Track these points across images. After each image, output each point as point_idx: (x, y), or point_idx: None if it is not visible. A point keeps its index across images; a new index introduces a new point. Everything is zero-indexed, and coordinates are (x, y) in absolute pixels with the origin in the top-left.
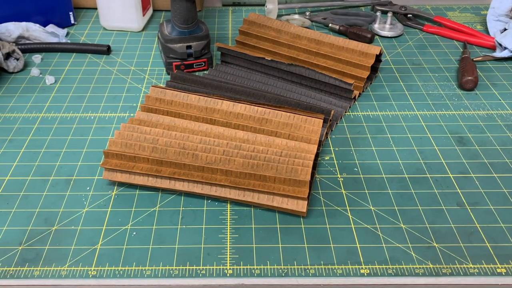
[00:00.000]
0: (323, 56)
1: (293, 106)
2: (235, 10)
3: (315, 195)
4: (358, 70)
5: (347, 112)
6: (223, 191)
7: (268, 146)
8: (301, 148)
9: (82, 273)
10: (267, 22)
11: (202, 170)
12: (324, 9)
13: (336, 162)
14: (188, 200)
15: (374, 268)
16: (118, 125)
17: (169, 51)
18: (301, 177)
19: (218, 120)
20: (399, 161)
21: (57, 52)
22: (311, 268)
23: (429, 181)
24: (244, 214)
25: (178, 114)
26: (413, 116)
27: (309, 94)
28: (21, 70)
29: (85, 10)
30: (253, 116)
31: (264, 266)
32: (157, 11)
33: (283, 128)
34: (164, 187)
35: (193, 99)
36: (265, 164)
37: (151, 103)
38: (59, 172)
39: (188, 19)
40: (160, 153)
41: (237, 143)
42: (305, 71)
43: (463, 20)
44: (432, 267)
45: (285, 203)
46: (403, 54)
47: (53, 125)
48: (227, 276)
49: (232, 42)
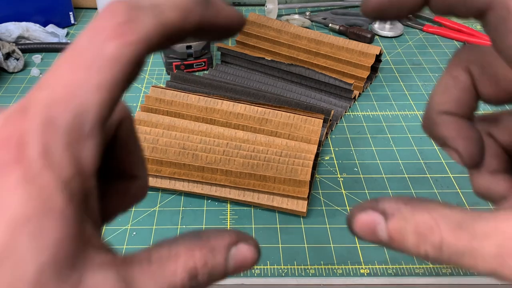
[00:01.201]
0: (323, 56)
1: (293, 106)
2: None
3: (315, 195)
4: (358, 70)
5: (347, 112)
6: (223, 191)
7: (268, 146)
8: (301, 148)
9: None
10: (267, 22)
11: (202, 170)
12: (324, 9)
13: (336, 162)
14: (188, 200)
15: (374, 268)
16: None
17: (169, 51)
18: (301, 177)
19: (218, 120)
20: (399, 161)
21: (57, 52)
22: (311, 268)
23: (429, 181)
24: (244, 214)
25: (178, 114)
26: (413, 116)
27: (309, 94)
28: (21, 70)
29: (85, 10)
30: (253, 116)
31: (264, 266)
32: None
33: (283, 128)
34: (164, 187)
35: (193, 99)
36: (265, 164)
37: (151, 103)
38: None
39: None
40: (160, 153)
41: (237, 143)
42: (305, 71)
43: (463, 20)
44: (432, 267)
45: (285, 203)
46: (403, 54)
47: None
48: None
49: (232, 42)
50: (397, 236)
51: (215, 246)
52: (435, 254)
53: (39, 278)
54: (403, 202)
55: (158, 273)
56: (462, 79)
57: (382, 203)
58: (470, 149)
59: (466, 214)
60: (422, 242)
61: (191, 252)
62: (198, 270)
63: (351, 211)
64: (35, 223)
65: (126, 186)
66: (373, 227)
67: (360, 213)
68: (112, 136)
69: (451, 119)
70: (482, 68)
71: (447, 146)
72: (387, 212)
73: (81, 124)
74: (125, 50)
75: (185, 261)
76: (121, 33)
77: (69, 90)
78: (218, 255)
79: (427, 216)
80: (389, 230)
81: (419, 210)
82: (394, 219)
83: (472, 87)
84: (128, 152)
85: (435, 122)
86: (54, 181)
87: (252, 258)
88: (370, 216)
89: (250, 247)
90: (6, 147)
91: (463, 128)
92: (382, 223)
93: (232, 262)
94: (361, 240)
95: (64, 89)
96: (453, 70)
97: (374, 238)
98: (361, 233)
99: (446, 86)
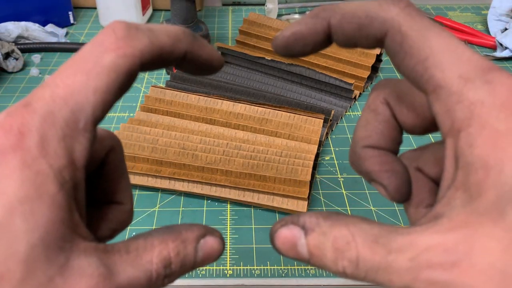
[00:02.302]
0: (323, 56)
1: (293, 106)
2: (235, 10)
3: (315, 195)
4: (359, 70)
5: (348, 112)
6: (223, 191)
7: (268, 146)
8: (301, 148)
9: None
10: (267, 22)
11: (202, 170)
12: None
13: (336, 162)
14: (188, 200)
15: None
16: (118, 125)
17: None
18: (301, 177)
19: (218, 120)
20: None
21: (56, 52)
22: (311, 268)
23: None
24: (244, 214)
25: (178, 114)
26: None
27: (309, 94)
28: (20, 69)
29: (85, 9)
30: (253, 116)
31: (264, 267)
32: (156, 11)
33: (283, 128)
34: (164, 187)
35: (193, 99)
36: (265, 164)
37: (151, 103)
38: None
39: (188, 19)
40: (160, 153)
41: (237, 143)
42: (305, 71)
43: (464, 19)
44: None
45: (285, 203)
46: None
47: None
48: (227, 276)
49: (232, 42)
50: (316, 252)
51: (186, 238)
52: (352, 270)
53: (29, 256)
54: (322, 217)
55: (136, 261)
56: (381, 111)
57: (303, 217)
58: (395, 183)
59: (383, 229)
60: (340, 258)
61: (165, 244)
62: (171, 259)
63: (273, 226)
64: (29, 205)
65: (111, 212)
66: (293, 242)
67: (281, 228)
68: (101, 162)
69: (375, 153)
70: (399, 98)
71: (373, 180)
72: (307, 226)
73: (77, 120)
74: (120, 61)
75: (159, 251)
76: (119, 46)
77: (69, 90)
78: (189, 246)
79: (345, 230)
80: (309, 245)
81: (337, 224)
82: (313, 234)
83: (392, 119)
84: (115, 178)
85: (359, 156)
86: (48, 169)
87: (218, 248)
88: (291, 231)
89: (216, 239)
90: (8, 135)
91: (387, 161)
92: (302, 238)
93: (201, 252)
94: (284, 256)
95: (65, 89)
96: (372, 103)
97: (295, 254)
98: (282, 249)
99: (367, 120)
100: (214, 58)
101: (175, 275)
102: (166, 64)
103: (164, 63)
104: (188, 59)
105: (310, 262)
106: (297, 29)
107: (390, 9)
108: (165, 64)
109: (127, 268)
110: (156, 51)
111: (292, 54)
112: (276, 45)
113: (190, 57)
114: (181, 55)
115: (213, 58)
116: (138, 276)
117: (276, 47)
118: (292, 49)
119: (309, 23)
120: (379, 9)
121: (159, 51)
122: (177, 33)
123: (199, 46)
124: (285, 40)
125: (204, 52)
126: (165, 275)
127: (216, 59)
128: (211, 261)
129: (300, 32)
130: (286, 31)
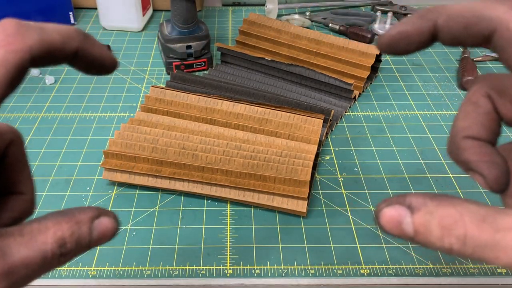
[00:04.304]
0: (323, 56)
1: (293, 106)
2: (235, 10)
3: (315, 195)
4: (358, 70)
5: (347, 112)
6: (223, 191)
7: (268, 146)
8: (301, 148)
9: (82, 273)
10: (267, 22)
11: (202, 170)
12: (324, 9)
13: (336, 162)
14: (188, 200)
15: (374, 268)
16: (118, 125)
17: (169, 51)
18: (301, 177)
19: (218, 120)
20: (399, 161)
21: None
22: (311, 268)
23: (429, 181)
24: (244, 214)
25: (178, 114)
26: (413, 116)
27: (309, 94)
28: None
29: (85, 10)
30: (253, 116)
31: (264, 266)
32: (157, 11)
33: (283, 128)
34: (164, 187)
35: (193, 99)
36: (265, 164)
37: (151, 103)
38: (59, 172)
39: (188, 19)
40: (160, 153)
41: (237, 143)
42: (305, 71)
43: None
44: (432, 267)
45: (285, 203)
46: None
47: (53, 125)
48: (227, 276)
49: (232, 42)
50: (422, 230)
51: (80, 219)
52: (459, 247)
53: None
54: (429, 197)
55: (30, 243)
56: (482, 104)
57: (409, 198)
58: (494, 173)
59: (490, 210)
60: (447, 235)
61: (59, 225)
62: (66, 239)
63: (378, 206)
64: None
65: (12, 201)
66: (399, 221)
67: (386, 207)
68: (1, 155)
69: (475, 144)
70: (501, 92)
71: (471, 170)
72: (413, 206)
73: None
74: (10, 56)
75: (54, 232)
76: (8, 42)
77: None
78: (83, 226)
79: (452, 210)
80: (415, 223)
81: (444, 204)
82: (420, 213)
83: (493, 111)
84: (15, 170)
85: (459, 146)
86: None
87: (112, 228)
88: (397, 210)
89: (110, 219)
90: None
91: (486, 152)
92: (408, 217)
93: (95, 232)
94: (387, 234)
95: None
96: (473, 96)
97: (400, 232)
98: (387, 227)
99: (467, 112)
100: (105, 57)
101: (71, 254)
102: (59, 61)
103: (56, 60)
104: (79, 56)
105: (414, 240)
106: (403, 29)
107: (497, 8)
108: (57, 60)
109: (20, 249)
110: (45, 47)
111: (395, 52)
112: (381, 43)
113: (81, 54)
114: (73, 52)
115: (104, 57)
116: (33, 256)
117: (381, 45)
118: (396, 47)
119: (416, 23)
120: (485, 8)
121: (49, 47)
122: (68, 31)
123: (90, 44)
124: (390, 38)
125: (96, 51)
126: (61, 253)
127: (108, 58)
128: (107, 239)
129: (406, 31)
130: (392, 30)
